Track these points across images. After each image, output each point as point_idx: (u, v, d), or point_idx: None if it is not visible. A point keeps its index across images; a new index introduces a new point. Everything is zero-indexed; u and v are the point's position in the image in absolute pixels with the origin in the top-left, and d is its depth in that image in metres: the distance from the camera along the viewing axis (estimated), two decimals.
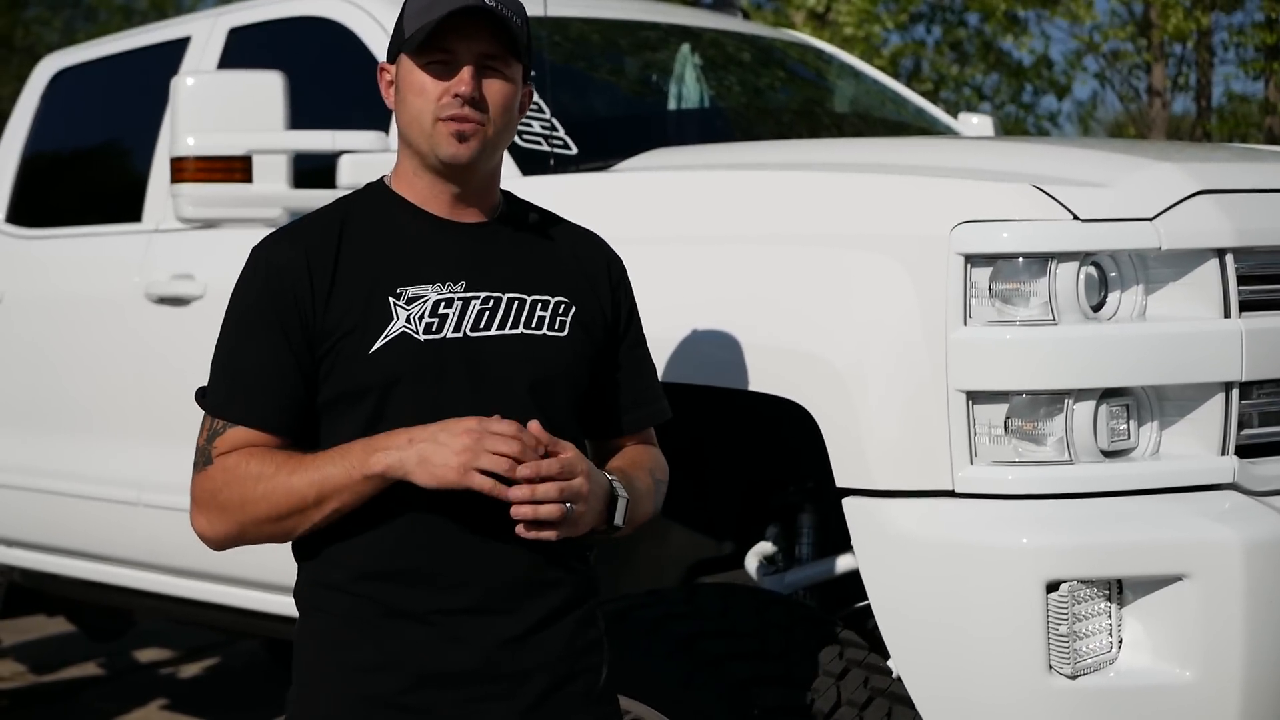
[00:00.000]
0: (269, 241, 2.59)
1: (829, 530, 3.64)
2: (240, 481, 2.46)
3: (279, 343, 2.48)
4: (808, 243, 3.27)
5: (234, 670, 7.77)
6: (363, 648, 2.49)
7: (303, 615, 2.59)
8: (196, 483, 2.51)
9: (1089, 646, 2.94)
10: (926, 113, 5.69)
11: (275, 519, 2.46)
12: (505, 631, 2.50)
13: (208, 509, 2.50)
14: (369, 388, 2.47)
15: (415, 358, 2.47)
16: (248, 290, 2.54)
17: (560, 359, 2.57)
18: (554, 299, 2.60)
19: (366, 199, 2.64)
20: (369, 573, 2.49)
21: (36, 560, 5.64)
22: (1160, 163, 3.23)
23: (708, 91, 4.98)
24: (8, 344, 5.58)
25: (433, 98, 2.51)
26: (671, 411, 2.84)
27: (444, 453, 2.37)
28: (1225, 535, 2.94)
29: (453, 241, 2.57)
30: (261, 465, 2.45)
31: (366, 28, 4.54)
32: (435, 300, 2.50)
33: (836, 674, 3.20)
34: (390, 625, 2.48)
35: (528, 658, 2.51)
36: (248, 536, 2.50)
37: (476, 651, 2.49)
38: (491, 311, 2.53)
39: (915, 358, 3.02)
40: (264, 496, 2.44)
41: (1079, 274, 3.00)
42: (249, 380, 2.50)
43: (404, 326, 2.48)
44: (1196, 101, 18.11)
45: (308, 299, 2.49)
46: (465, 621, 2.49)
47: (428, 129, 2.52)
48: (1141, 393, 3.04)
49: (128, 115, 5.65)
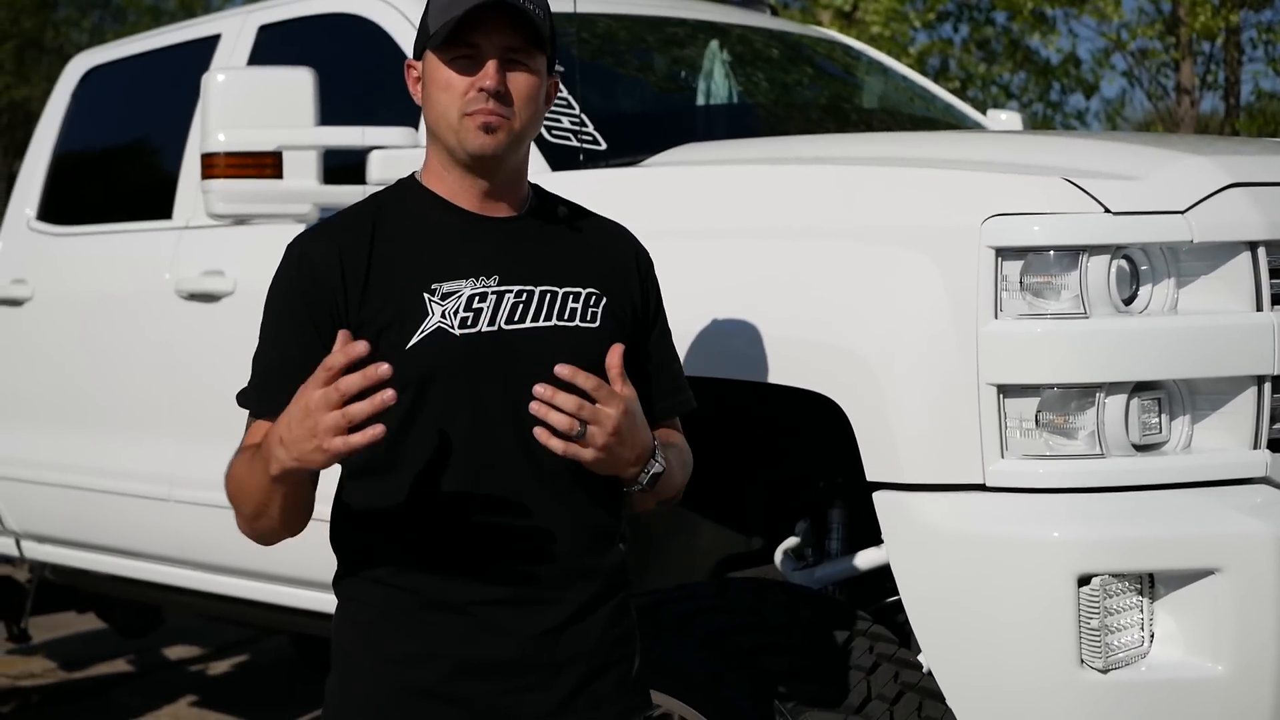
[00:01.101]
0: (303, 238, 2.61)
1: (859, 525, 3.64)
2: (230, 480, 2.51)
3: (310, 338, 2.49)
4: (838, 237, 3.27)
5: (262, 667, 7.80)
6: (401, 638, 2.51)
7: (341, 604, 2.61)
8: (226, 483, 2.54)
9: (1120, 640, 2.94)
10: (955, 109, 5.68)
11: (259, 514, 2.47)
12: (543, 622, 2.52)
13: (230, 503, 2.53)
14: (406, 383, 2.46)
15: (451, 352, 2.49)
16: (282, 286, 2.57)
17: (593, 349, 2.57)
18: (585, 290, 2.61)
19: (398, 195, 2.66)
20: (409, 564, 2.51)
21: (68, 556, 5.67)
22: (1192, 155, 3.22)
23: (736, 88, 4.97)
24: (40, 341, 5.61)
25: (458, 92, 2.54)
26: (696, 402, 2.84)
27: (301, 436, 2.28)
28: (1258, 529, 2.94)
29: (484, 236, 2.59)
30: (242, 466, 2.48)
31: (396, 24, 4.55)
32: (469, 295, 2.52)
33: (867, 668, 3.20)
34: (429, 616, 2.50)
35: (564, 648, 2.54)
36: (268, 527, 2.49)
37: (514, 642, 2.51)
38: (525, 304, 2.55)
39: (946, 351, 3.02)
40: (248, 492, 2.46)
41: (1110, 267, 2.99)
42: (277, 375, 2.51)
43: (439, 321, 2.50)
44: (1225, 99, 18.03)
45: (341, 294, 2.51)
46: (503, 612, 2.51)
47: (454, 123, 2.54)
48: (1173, 386, 3.03)
49: (158, 113, 5.67)
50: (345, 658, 2.59)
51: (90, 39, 25.43)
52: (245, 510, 2.49)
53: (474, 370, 2.50)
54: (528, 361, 2.50)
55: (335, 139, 4.05)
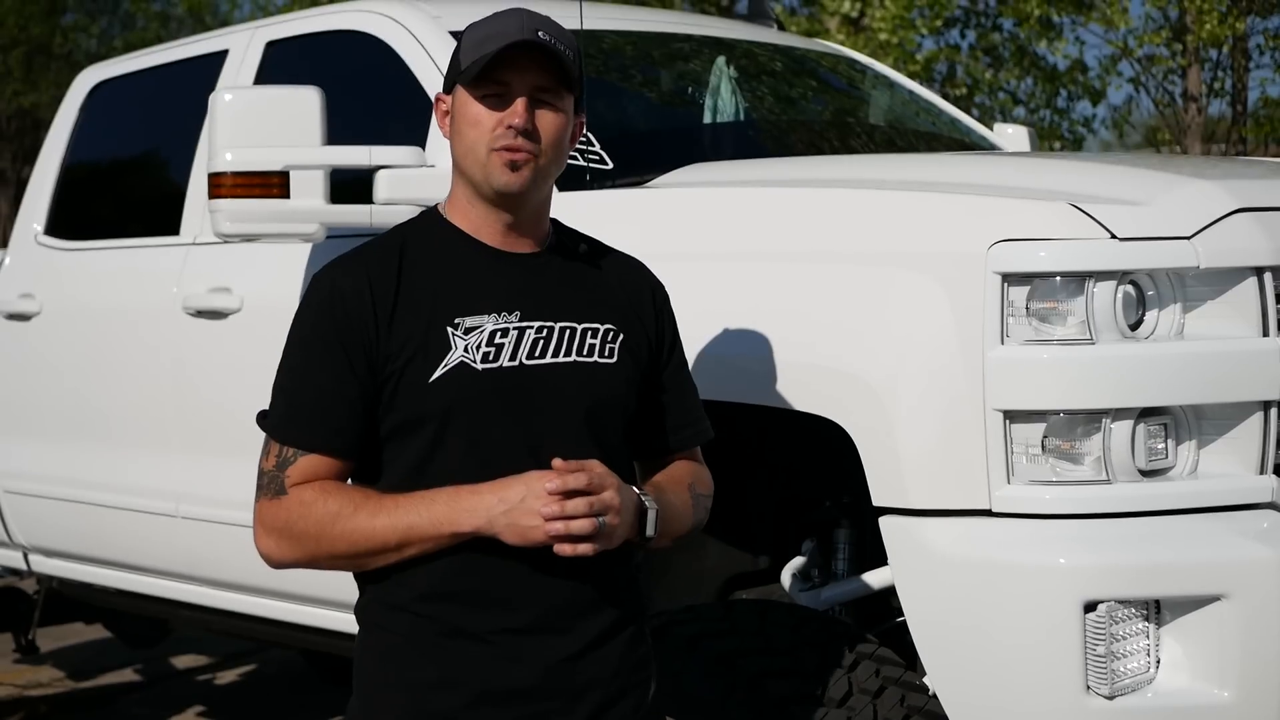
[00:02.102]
0: (333, 269, 2.64)
1: (865, 546, 3.64)
2: (317, 518, 2.51)
3: (345, 369, 2.54)
4: (845, 260, 3.27)
5: (270, 677, 7.80)
6: (425, 666, 2.55)
7: (365, 631, 2.65)
8: (267, 509, 2.56)
9: (1127, 667, 2.94)
10: (960, 123, 5.68)
11: (351, 556, 2.53)
12: (563, 650, 2.57)
13: (278, 536, 2.55)
14: (428, 416, 2.54)
15: (473, 386, 2.54)
16: (313, 315, 2.60)
17: (611, 385, 2.65)
18: (603, 326, 2.67)
19: (422, 228, 2.70)
20: (432, 593, 2.55)
21: (75, 570, 5.68)
22: (1198, 180, 3.22)
23: (743, 104, 4.97)
24: (47, 355, 5.61)
25: (487, 129, 2.58)
26: (713, 431, 2.87)
27: (530, 516, 2.45)
28: (1264, 555, 2.94)
29: (507, 271, 2.64)
30: (340, 503, 2.51)
31: (404, 43, 4.55)
32: (492, 330, 2.57)
33: (873, 692, 3.20)
34: (452, 644, 2.55)
35: (583, 674, 2.58)
36: (316, 565, 2.56)
37: (535, 669, 2.55)
38: (545, 341, 2.60)
39: (952, 376, 3.02)
40: (342, 535, 2.50)
41: (1116, 293, 2.99)
42: (317, 406, 2.55)
43: (462, 356, 2.54)
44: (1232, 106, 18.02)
45: (371, 325, 2.55)
46: (524, 640, 2.55)
47: (482, 159, 2.59)
48: (1179, 412, 3.03)
49: (166, 128, 5.67)
50: (368, 683, 2.63)
51: (98, 45, 25.46)
52: (341, 551, 2.51)
53: (495, 404, 2.54)
54: (547, 396, 2.57)
55: (342, 158, 4.05)
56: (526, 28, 2.58)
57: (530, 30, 2.58)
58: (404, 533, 2.49)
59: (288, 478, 2.54)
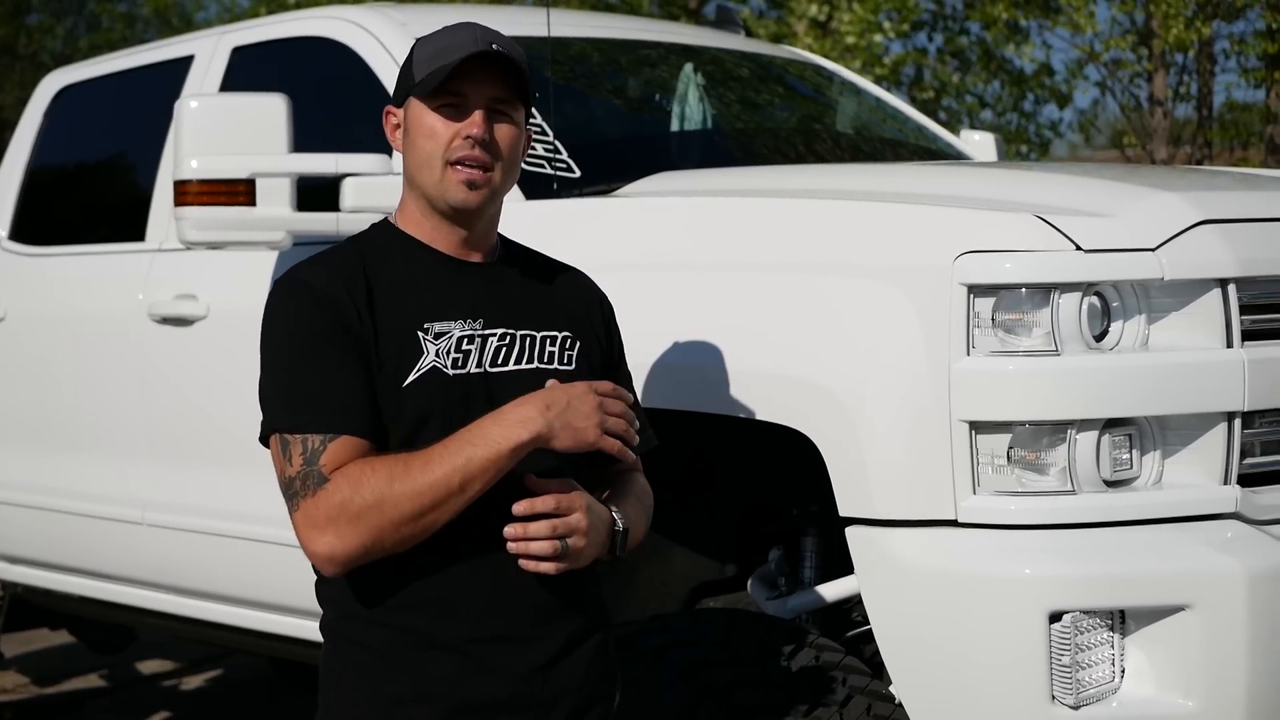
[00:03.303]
0: (301, 271, 2.60)
1: (832, 553, 3.64)
2: (373, 487, 2.43)
3: (350, 351, 2.52)
4: (811, 271, 3.27)
5: (237, 682, 7.77)
6: (397, 680, 2.54)
7: (333, 646, 2.63)
8: (315, 504, 2.46)
9: (1092, 676, 2.95)
10: (927, 130, 5.69)
11: (417, 515, 2.44)
12: (533, 660, 2.57)
13: (338, 523, 2.44)
14: (402, 420, 2.54)
15: (445, 391, 2.55)
16: (301, 315, 2.54)
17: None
18: (560, 334, 2.70)
19: (378, 239, 2.69)
20: (404, 604, 2.54)
21: (40, 578, 5.65)
22: (1162, 192, 3.23)
23: (710, 111, 4.98)
24: (11, 362, 5.58)
25: (444, 141, 2.59)
26: (658, 440, 2.89)
27: (582, 416, 2.49)
28: (1228, 565, 2.95)
29: (466, 280, 2.65)
30: (389, 467, 2.45)
31: (370, 49, 4.55)
32: (459, 336, 2.59)
33: (840, 702, 3.20)
34: (422, 656, 2.54)
35: (552, 685, 2.59)
36: (385, 543, 2.46)
37: (507, 681, 2.56)
38: (508, 348, 2.63)
39: (918, 388, 3.03)
40: (405, 494, 2.43)
41: (1082, 304, 3.00)
42: (332, 390, 2.50)
43: (434, 361, 2.56)
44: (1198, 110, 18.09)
45: (356, 321, 2.54)
46: (495, 649, 2.55)
47: (437, 173, 2.60)
48: (1144, 423, 3.05)
49: (131, 133, 5.66)
50: (340, 700, 2.61)
51: (64, 46, 25.32)
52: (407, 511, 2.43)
53: (464, 411, 2.54)
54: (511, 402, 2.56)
55: (308, 166, 4.04)
56: (480, 40, 2.59)
57: (485, 43, 2.58)
58: (464, 468, 2.43)
59: (324, 466, 2.47)
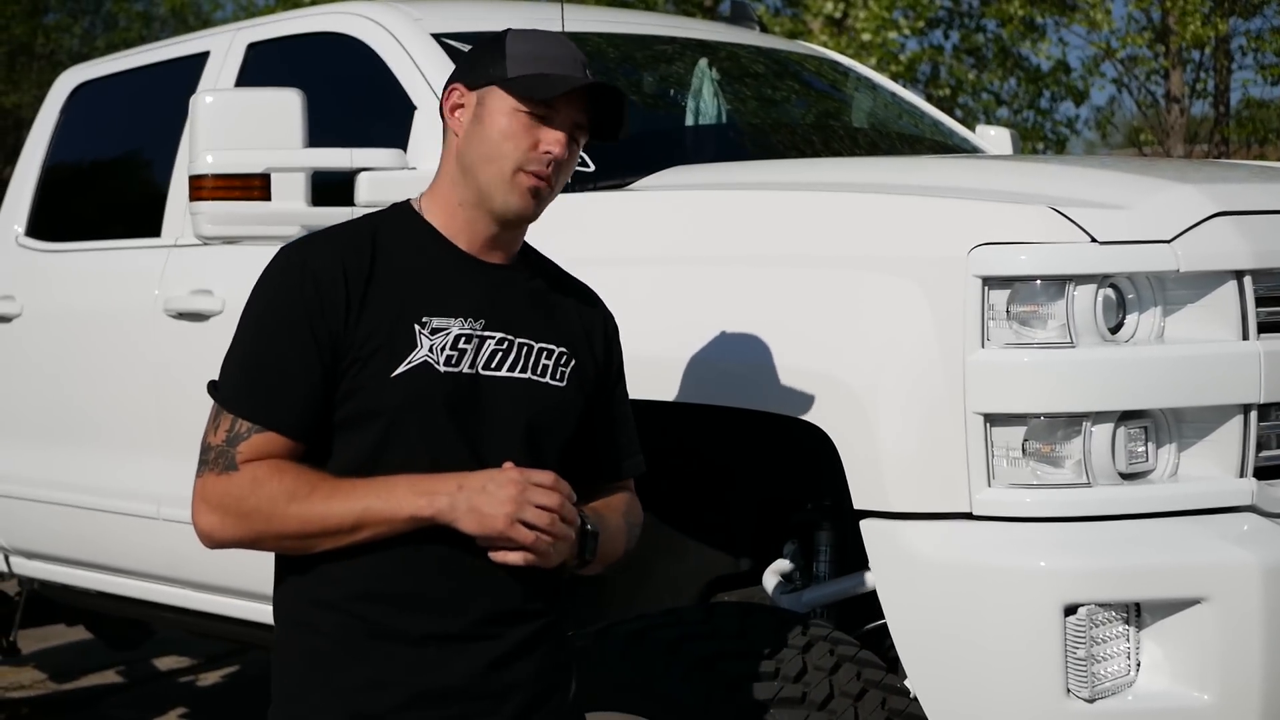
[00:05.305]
0: (304, 247, 2.59)
1: (847, 548, 3.64)
2: (270, 495, 2.45)
3: (311, 349, 2.49)
4: (825, 264, 3.27)
5: (252, 678, 7.78)
6: (354, 667, 2.52)
7: (288, 631, 2.60)
8: (214, 484, 2.49)
9: (1107, 670, 2.95)
10: (943, 125, 5.68)
11: (300, 537, 2.47)
12: (492, 653, 2.56)
13: (224, 513, 2.48)
14: (384, 410, 2.51)
15: (433, 387, 2.52)
16: (281, 292, 2.53)
17: (557, 407, 2.66)
18: (558, 349, 2.67)
19: (396, 221, 2.66)
20: (366, 593, 2.52)
21: (56, 572, 5.66)
22: (1178, 184, 3.22)
23: (725, 106, 4.97)
24: (28, 357, 5.60)
25: (524, 147, 2.56)
26: (646, 466, 2.89)
27: (493, 503, 2.43)
28: (1244, 558, 2.94)
29: (475, 278, 2.63)
30: (295, 483, 2.45)
31: (386, 45, 4.55)
32: (457, 334, 2.56)
33: (854, 695, 3.20)
34: (383, 646, 2.52)
35: (509, 676, 2.58)
36: (262, 546, 2.51)
37: (464, 673, 2.54)
38: (504, 353, 2.60)
39: (933, 380, 3.03)
40: (295, 515, 2.45)
41: (1097, 296, 3.00)
42: (279, 383, 2.49)
43: (427, 355, 2.53)
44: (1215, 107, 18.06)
45: (342, 309, 2.51)
46: (454, 645, 2.53)
47: (506, 175, 2.57)
48: (1160, 415, 3.04)
49: (147, 129, 5.67)
50: (295, 686, 2.58)
51: (81, 45, 25.38)
52: (292, 530, 2.45)
53: (448, 408, 2.53)
54: (495, 408, 2.57)
55: (323, 161, 4.04)
56: (579, 63, 2.59)
57: (583, 69, 2.59)
58: (360, 515, 2.44)
59: (239, 453, 2.47)
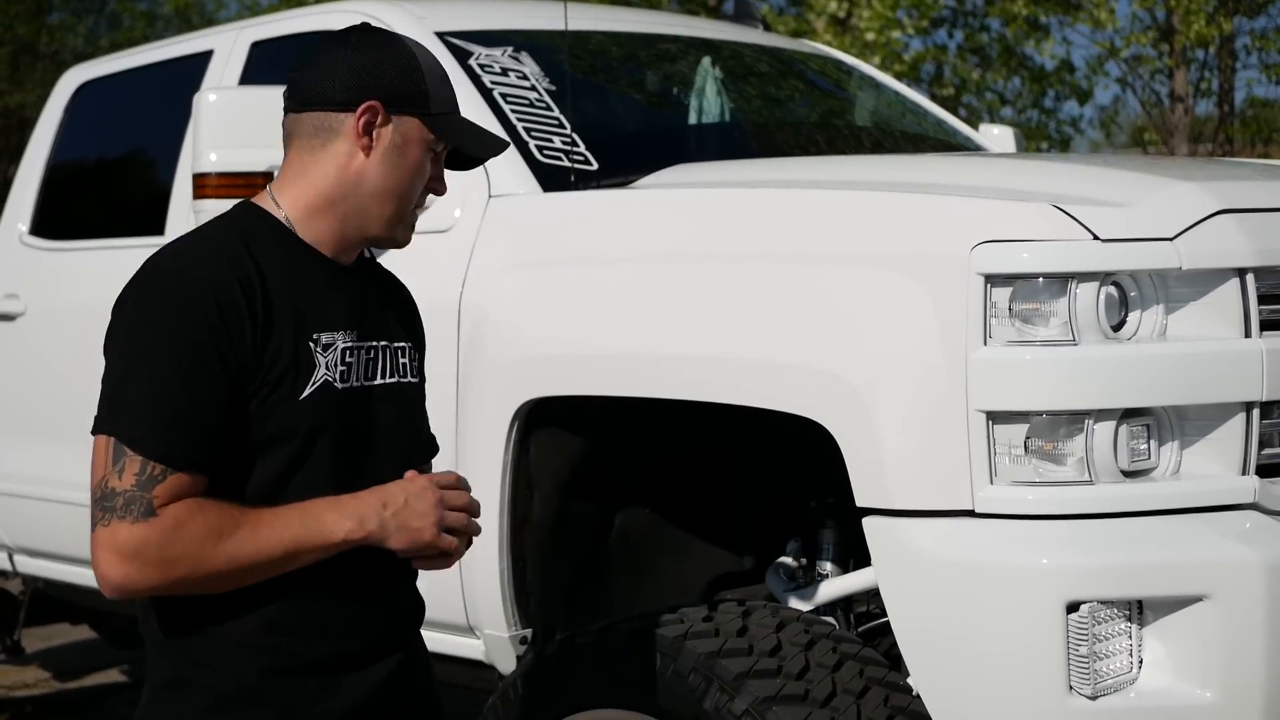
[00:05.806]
0: (187, 259, 2.41)
1: (850, 545, 3.64)
2: (196, 538, 2.31)
3: (221, 380, 2.35)
4: (828, 262, 3.27)
5: None
6: (263, 708, 2.44)
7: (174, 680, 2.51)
8: (128, 533, 2.30)
9: (1109, 667, 2.95)
10: (946, 124, 5.69)
11: (231, 575, 2.35)
12: (381, 673, 2.55)
13: (143, 560, 2.30)
14: (296, 433, 2.43)
15: (335, 404, 2.47)
16: (178, 312, 2.34)
17: (416, 402, 2.68)
18: (406, 345, 2.66)
19: (257, 227, 2.51)
20: (279, 624, 2.44)
21: (61, 571, 5.66)
22: (1180, 182, 3.23)
23: (729, 105, 4.98)
24: (32, 355, 5.60)
25: (423, 184, 2.57)
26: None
27: (417, 517, 2.44)
28: (1246, 555, 2.94)
29: (343, 288, 2.55)
30: (219, 519, 2.33)
31: None
32: (342, 348, 2.50)
33: (857, 692, 3.20)
34: (292, 681, 2.45)
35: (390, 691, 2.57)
36: (186, 589, 2.36)
37: (368, 690, 2.52)
38: (377, 361, 2.58)
39: (935, 378, 3.03)
40: (223, 553, 2.32)
41: (1099, 294, 3.00)
42: (192, 420, 2.34)
43: (325, 374, 2.46)
44: (1219, 106, 18.06)
45: (248, 334, 2.38)
46: (350, 667, 2.50)
47: (405, 209, 2.56)
48: (1162, 413, 3.04)
49: (151, 128, 5.67)
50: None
51: (85, 44, 25.40)
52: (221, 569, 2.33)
53: (350, 425, 2.49)
54: (383, 416, 2.56)
55: None
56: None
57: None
58: (290, 545, 2.35)
59: (155, 497, 2.29)
